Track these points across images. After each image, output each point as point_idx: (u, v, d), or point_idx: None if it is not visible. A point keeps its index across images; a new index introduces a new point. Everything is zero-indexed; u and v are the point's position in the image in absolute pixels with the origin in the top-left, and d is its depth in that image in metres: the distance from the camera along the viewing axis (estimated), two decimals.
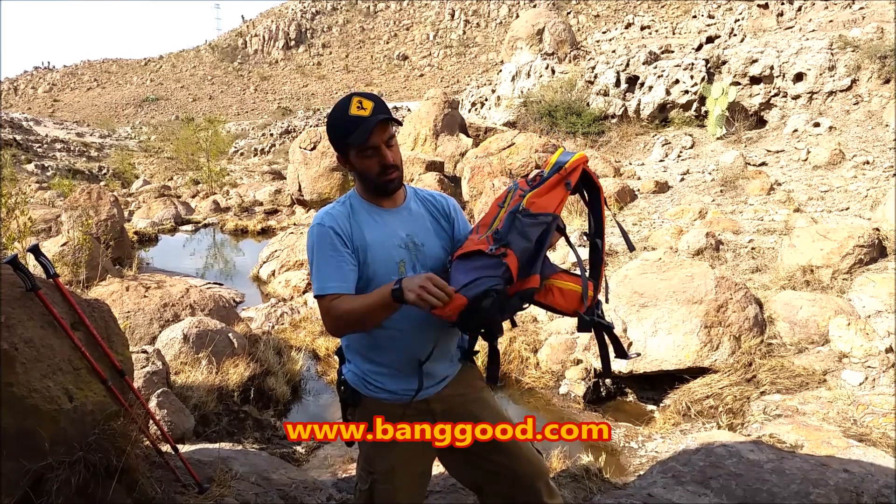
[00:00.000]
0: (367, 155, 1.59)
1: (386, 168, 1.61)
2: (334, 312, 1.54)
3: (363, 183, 1.67)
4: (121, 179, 23.30)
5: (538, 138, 10.65)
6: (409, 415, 1.67)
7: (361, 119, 1.55)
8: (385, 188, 1.65)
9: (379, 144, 1.58)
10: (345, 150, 1.62)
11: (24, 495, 2.04)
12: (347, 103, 1.56)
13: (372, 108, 1.55)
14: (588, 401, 4.57)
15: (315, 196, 11.81)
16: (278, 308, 6.83)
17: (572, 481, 3.00)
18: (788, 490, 2.63)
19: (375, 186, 1.65)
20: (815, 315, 4.44)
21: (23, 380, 2.01)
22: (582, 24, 64.50)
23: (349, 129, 1.56)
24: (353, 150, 1.59)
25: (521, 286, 1.49)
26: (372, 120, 1.55)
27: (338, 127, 1.59)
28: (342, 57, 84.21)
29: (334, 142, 1.64)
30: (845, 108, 10.29)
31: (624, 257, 6.59)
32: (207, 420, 4.04)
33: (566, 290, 1.58)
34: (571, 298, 1.58)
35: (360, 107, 1.55)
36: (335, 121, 1.60)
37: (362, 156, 1.60)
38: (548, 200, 1.57)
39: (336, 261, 1.59)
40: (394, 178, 1.64)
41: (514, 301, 1.51)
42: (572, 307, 1.58)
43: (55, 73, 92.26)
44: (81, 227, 6.96)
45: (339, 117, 1.58)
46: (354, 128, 1.55)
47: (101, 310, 2.57)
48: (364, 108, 1.55)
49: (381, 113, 1.56)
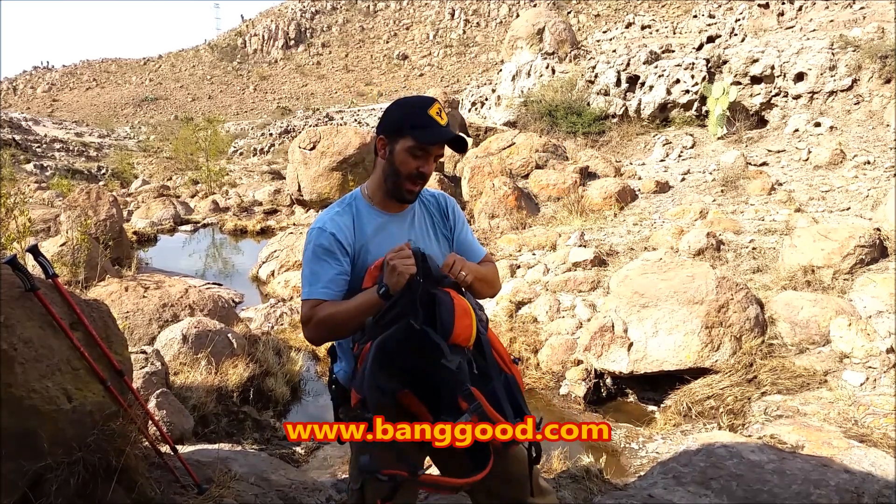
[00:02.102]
0: (417, 155, 1.59)
1: (421, 175, 1.61)
2: (316, 317, 1.53)
3: (385, 178, 1.65)
4: (120, 179, 23.27)
5: (538, 138, 10.64)
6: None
7: (437, 123, 1.56)
8: (404, 195, 1.65)
9: (433, 153, 1.60)
10: (398, 136, 1.60)
11: (23, 496, 2.03)
12: (429, 103, 1.58)
13: (446, 122, 1.60)
14: (588, 401, 4.56)
15: (314, 196, 11.79)
16: (277, 308, 6.82)
17: (573, 482, 2.99)
18: (789, 491, 2.62)
19: (396, 188, 1.64)
20: (816, 315, 4.43)
21: (21, 380, 2.00)
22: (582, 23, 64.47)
23: (423, 124, 1.56)
24: (410, 142, 1.58)
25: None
26: (447, 131, 1.58)
27: (409, 115, 1.59)
28: (342, 56, 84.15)
29: (393, 123, 1.61)
30: (846, 108, 10.29)
31: (625, 257, 6.58)
32: (207, 420, 4.03)
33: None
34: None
35: (439, 114, 1.57)
36: (409, 109, 1.60)
37: (412, 153, 1.59)
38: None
39: (329, 266, 1.58)
40: (416, 190, 1.65)
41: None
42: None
43: (54, 72, 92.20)
44: (80, 227, 6.95)
45: (414, 107, 1.59)
46: (429, 126, 1.56)
47: (100, 310, 2.57)
48: (442, 118, 1.58)
49: (450, 131, 1.60)
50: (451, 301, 1.47)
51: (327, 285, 1.56)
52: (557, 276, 6.22)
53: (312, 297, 1.56)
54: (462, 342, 1.47)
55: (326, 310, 1.53)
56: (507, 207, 8.81)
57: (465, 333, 1.46)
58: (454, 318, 1.44)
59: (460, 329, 1.45)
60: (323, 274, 1.57)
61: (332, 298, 1.56)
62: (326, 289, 1.56)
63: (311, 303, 1.55)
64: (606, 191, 8.86)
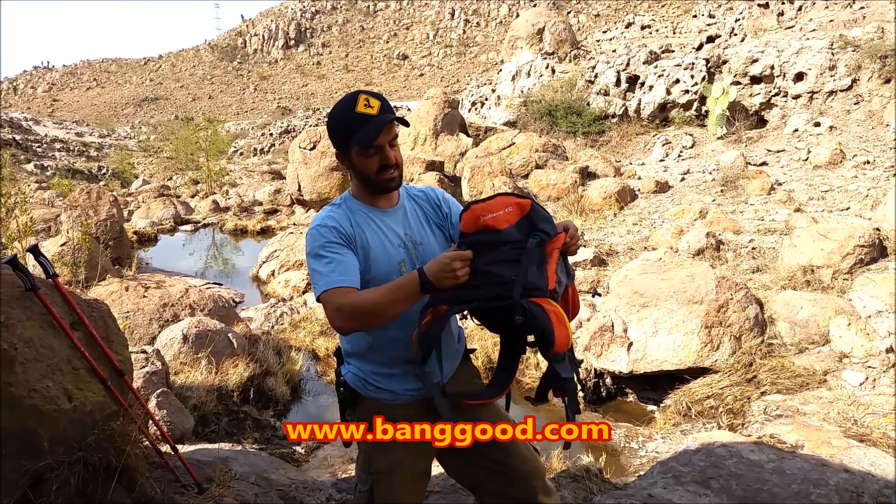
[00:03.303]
0: (370, 154, 1.57)
1: (387, 167, 1.59)
2: (348, 305, 1.45)
3: (361, 182, 1.65)
4: (120, 179, 23.27)
5: (538, 138, 10.65)
6: (410, 415, 1.67)
7: (368, 117, 1.52)
8: (384, 186, 1.63)
9: (383, 144, 1.57)
10: (346, 147, 1.59)
11: (23, 495, 2.04)
12: (354, 100, 1.54)
13: (379, 107, 1.54)
14: (588, 401, 4.56)
15: (315, 196, 11.79)
16: (278, 308, 6.83)
17: (572, 482, 2.99)
18: (789, 490, 2.63)
19: (374, 184, 1.63)
20: (815, 315, 4.43)
21: (22, 380, 2.01)
22: (582, 23, 64.47)
23: (354, 127, 1.53)
24: (356, 147, 1.56)
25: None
26: (380, 119, 1.53)
27: (342, 123, 1.56)
28: (342, 56, 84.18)
29: (336, 138, 1.60)
30: (846, 108, 10.29)
31: (624, 257, 6.58)
32: (207, 420, 4.04)
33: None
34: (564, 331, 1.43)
35: (367, 105, 1.53)
36: (340, 117, 1.57)
37: (365, 154, 1.57)
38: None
39: (342, 257, 1.55)
40: (394, 177, 1.62)
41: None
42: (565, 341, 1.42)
43: (54, 72, 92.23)
44: (81, 227, 6.95)
45: (344, 114, 1.55)
46: (360, 126, 1.53)
47: (100, 310, 2.57)
48: (371, 107, 1.53)
49: (388, 113, 1.55)
50: (545, 312, 1.41)
51: (344, 273, 1.51)
52: None
53: (333, 287, 1.48)
54: (562, 350, 1.44)
55: (357, 297, 1.47)
56: None
57: (565, 343, 1.43)
58: (553, 328, 1.40)
59: (560, 339, 1.41)
60: (336, 264, 1.52)
61: (354, 285, 1.50)
62: (345, 276, 1.50)
63: (333, 292, 1.47)
64: (606, 191, 8.86)
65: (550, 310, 1.40)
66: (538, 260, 1.46)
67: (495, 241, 1.49)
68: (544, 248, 1.48)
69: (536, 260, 1.46)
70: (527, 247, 1.46)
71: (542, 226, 1.50)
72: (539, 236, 1.48)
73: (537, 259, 1.46)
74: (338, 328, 1.50)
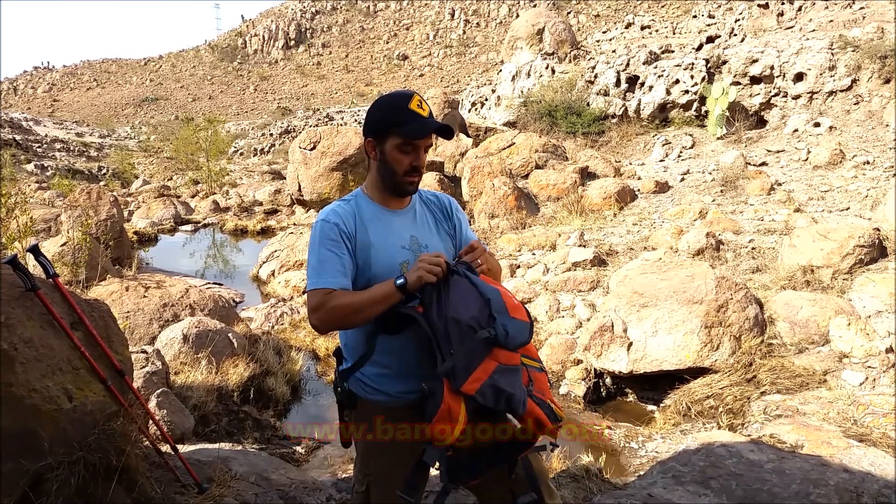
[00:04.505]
0: (407, 151, 1.61)
1: (416, 169, 1.63)
2: (328, 305, 1.53)
3: (382, 178, 1.67)
4: (120, 179, 23.26)
5: (538, 138, 10.64)
6: (408, 416, 1.67)
7: (419, 115, 1.58)
8: (404, 188, 1.67)
9: (422, 146, 1.62)
10: (384, 136, 1.62)
11: (23, 495, 2.04)
12: (408, 98, 1.59)
13: (428, 112, 1.60)
14: (588, 401, 4.57)
15: (315, 196, 11.78)
16: (278, 308, 6.83)
17: (572, 481, 2.99)
18: (789, 490, 2.63)
19: (395, 184, 1.66)
20: (815, 315, 4.43)
21: (22, 380, 2.01)
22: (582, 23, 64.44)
23: (402, 121, 1.58)
24: (397, 140, 1.60)
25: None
26: (431, 122, 1.59)
27: (390, 113, 1.60)
28: (342, 57, 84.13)
29: (376, 125, 1.63)
30: (845, 108, 10.29)
31: (624, 257, 6.59)
32: (207, 420, 4.04)
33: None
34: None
35: (419, 106, 1.58)
36: (389, 107, 1.61)
37: (402, 150, 1.61)
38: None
39: (337, 256, 1.58)
40: (415, 182, 1.67)
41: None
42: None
43: (55, 72, 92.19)
44: (81, 227, 6.95)
45: (394, 106, 1.60)
46: (410, 121, 1.57)
47: (100, 310, 2.57)
48: (423, 109, 1.59)
49: (434, 120, 1.62)
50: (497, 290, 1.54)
51: (335, 275, 1.57)
52: (557, 275, 6.22)
53: (322, 287, 1.55)
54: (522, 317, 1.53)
55: (339, 299, 1.53)
56: (507, 207, 8.82)
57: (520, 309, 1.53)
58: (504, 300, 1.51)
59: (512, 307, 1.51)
60: (330, 264, 1.57)
61: (342, 288, 1.56)
62: (335, 278, 1.56)
63: (321, 291, 1.55)
64: (606, 191, 8.87)
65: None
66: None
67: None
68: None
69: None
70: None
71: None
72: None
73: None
74: (313, 326, 1.59)
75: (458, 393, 1.40)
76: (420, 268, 1.49)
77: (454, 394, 1.41)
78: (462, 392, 1.40)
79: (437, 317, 1.45)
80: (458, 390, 1.40)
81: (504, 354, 1.46)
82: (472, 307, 1.46)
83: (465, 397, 1.41)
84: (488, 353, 1.43)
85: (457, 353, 1.41)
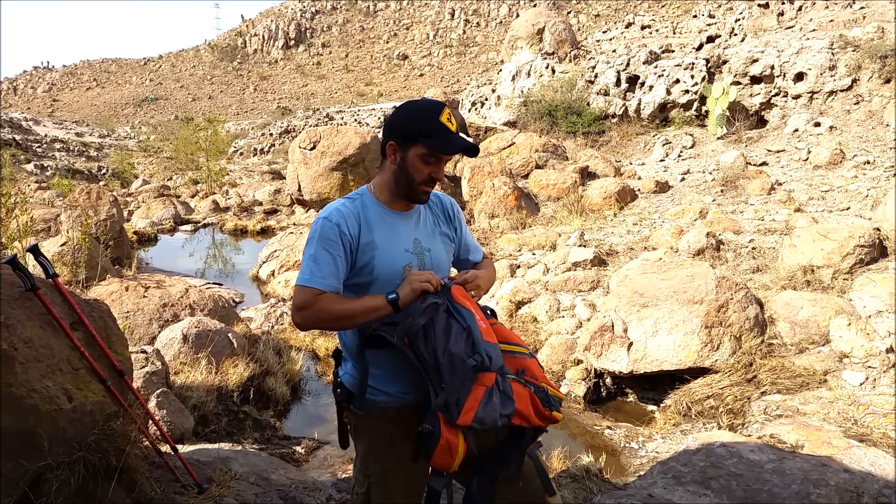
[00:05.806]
0: (430, 162, 1.61)
1: (434, 181, 1.65)
2: (315, 307, 1.54)
3: (397, 183, 1.66)
4: (120, 179, 23.25)
5: (538, 138, 10.65)
6: (409, 416, 1.66)
7: (451, 132, 1.59)
8: (418, 197, 1.67)
9: (444, 159, 1.64)
10: (410, 143, 1.61)
11: (23, 495, 2.04)
12: (440, 110, 1.60)
13: (456, 127, 1.63)
14: (588, 401, 4.57)
15: (315, 196, 11.79)
16: (278, 308, 6.83)
17: (572, 481, 2.99)
18: (789, 490, 2.62)
19: (410, 192, 1.66)
20: (815, 315, 4.43)
21: (22, 380, 2.01)
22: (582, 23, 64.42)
23: (433, 132, 1.58)
24: (423, 150, 1.60)
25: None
26: (462, 139, 1.62)
27: (421, 123, 1.60)
28: (342, 56, 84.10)
29: (403, 131, 1.62)
30: (846, 108, 10.29)
31: (624, 257, 6.58)
32: (207, 420, 4.03)
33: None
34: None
35: (450, 119, 1.60)
36: (420, 116, 1.61)
37: (424, 160, 1.61)
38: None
39: (332, 258, 1.58)
40: (429, 193, 1.69)
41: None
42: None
43: (54, 72, 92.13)
44: (81, 227, 6.95)
45: (426, 116, 1.60)
46: (440, 134, 1.58)
47: (100, 310, 2.57)
48: (452, 124, 1.61)
49: (463, 139, 1.65)
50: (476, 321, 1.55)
51: (327, 277, 1.56)
52: (557, 275, 6.22)
53: (312, 286, 1.55)
54: (492, 339, 1.56)
55: (328, 303, 1.54)
56: (507, 207, 8.82)
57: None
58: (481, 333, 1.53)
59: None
60: (325, 264, 1.57)
61: (332, 290, 1.56)
62: (327, 280, 1.56)
63: (311, 291, 1.55)
64: (606, 191, 8.86)
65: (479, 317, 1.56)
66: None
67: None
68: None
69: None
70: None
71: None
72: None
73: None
74: (296, 322, 1.61)
75: (454, 426, 1.43)
76: (412, 281, 1.54)
77: (451, 427, 1.43)
78: (458, 425, 1.43)
79: (424, 349, 1.49)
80: (455, 423, 1.43)
81: (487, 377, 1.48)
82: (458, 339, 1.49)
83: (463, 429, 1.44)
84: (475, 380, 1.46)
85: (448, 386, 1.45)
